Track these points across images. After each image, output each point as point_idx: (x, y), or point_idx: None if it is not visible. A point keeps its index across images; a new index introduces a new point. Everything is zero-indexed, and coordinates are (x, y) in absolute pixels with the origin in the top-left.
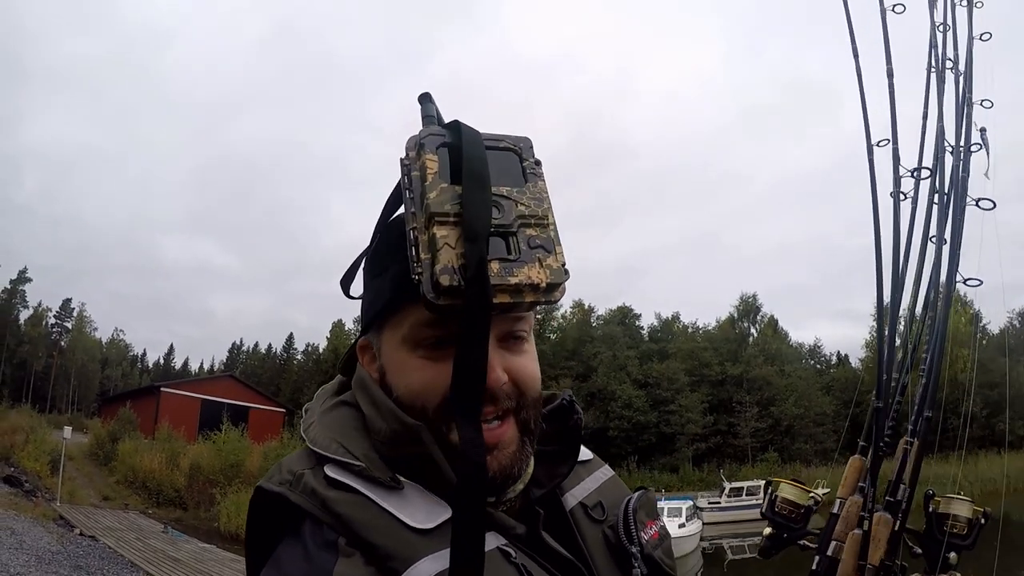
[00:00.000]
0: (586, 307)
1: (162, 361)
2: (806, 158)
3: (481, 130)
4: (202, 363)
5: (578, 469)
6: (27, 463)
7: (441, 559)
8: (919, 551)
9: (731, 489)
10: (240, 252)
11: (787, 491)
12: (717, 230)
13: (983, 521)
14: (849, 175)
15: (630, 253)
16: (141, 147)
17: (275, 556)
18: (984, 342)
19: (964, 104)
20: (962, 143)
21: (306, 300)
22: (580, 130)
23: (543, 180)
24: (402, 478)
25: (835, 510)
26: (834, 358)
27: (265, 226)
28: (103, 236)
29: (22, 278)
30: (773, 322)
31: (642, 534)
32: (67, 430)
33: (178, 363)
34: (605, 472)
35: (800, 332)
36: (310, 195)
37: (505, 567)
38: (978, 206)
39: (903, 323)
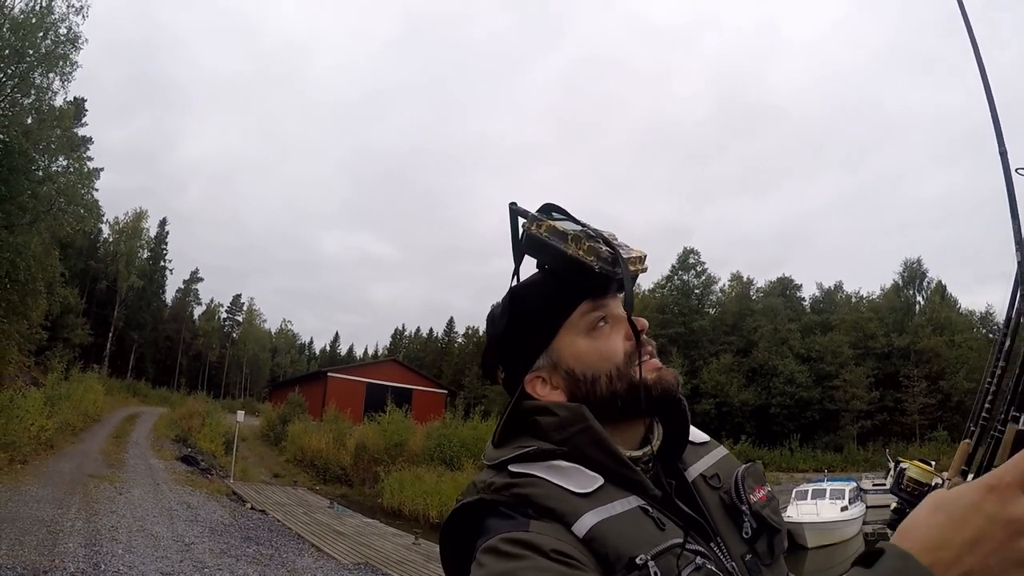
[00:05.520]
0: (744, 279)
1: (328, 348)
2: (965, 99)
3: None
4: (366, 348)
5: (699, 450)
6: (203, 444)
7: (598, 513)
8: None
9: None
10: (396, 241)
11: (913, 471)
12: (877, 189)
13: None
14: (1012, 114)
15: (788, 219)
16: (293, 151)
17: (484, 527)
18: None
19: None
20: None
21: (464, 283)
22: (725, 94)
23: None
24: (564, 462)
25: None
26: None
27: (418, 214)
28: (266, 236)
29: (194, 278)
30: (941, 288)
31: (751, 496)
32: (240, 414)
33: (343, 349)
34: (721, 451)
35: (971, 298)
36: (458, 180)
37: (644, 519)
38: None
39: None
